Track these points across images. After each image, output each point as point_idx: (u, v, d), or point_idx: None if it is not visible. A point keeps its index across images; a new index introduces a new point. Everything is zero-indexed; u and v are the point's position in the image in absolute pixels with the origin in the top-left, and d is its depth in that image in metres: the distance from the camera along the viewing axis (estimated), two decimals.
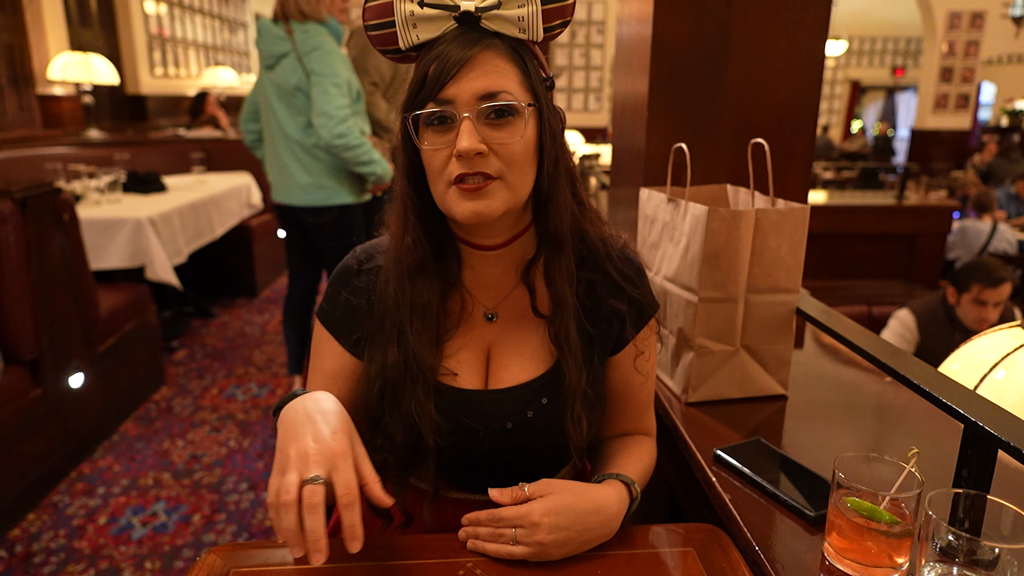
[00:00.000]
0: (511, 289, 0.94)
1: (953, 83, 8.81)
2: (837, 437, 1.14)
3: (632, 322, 0.96)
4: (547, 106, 0.85)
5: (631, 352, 0.98)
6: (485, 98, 0.79)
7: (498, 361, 0.94)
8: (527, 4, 0.80)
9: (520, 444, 0.92)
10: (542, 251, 0.91)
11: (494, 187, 0.81)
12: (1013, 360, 1.15)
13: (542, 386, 0.92)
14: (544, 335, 0.93)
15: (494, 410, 0.91)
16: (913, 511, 0.73)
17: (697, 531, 0.92)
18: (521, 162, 0.82)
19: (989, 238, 4.58)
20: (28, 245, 2.33)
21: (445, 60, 0.79)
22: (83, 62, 4.75)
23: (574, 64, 7.54)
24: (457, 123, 0.80)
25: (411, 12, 0.80)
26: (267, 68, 2.73)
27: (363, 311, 0.93)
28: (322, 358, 0.96)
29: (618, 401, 1.01)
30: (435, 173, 0.83)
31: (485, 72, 0.80)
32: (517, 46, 0.83)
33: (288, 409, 0.78)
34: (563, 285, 0.90)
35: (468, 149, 0.78)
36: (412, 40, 0.82)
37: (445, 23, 0.81)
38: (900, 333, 2.85)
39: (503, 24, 0.81)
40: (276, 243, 5.22)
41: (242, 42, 8.60)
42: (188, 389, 3.33)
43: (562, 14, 0.83)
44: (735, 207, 1.35)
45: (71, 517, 2.31)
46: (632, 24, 1.58)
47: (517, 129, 0.81)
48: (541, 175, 0.86)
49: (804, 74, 1.46)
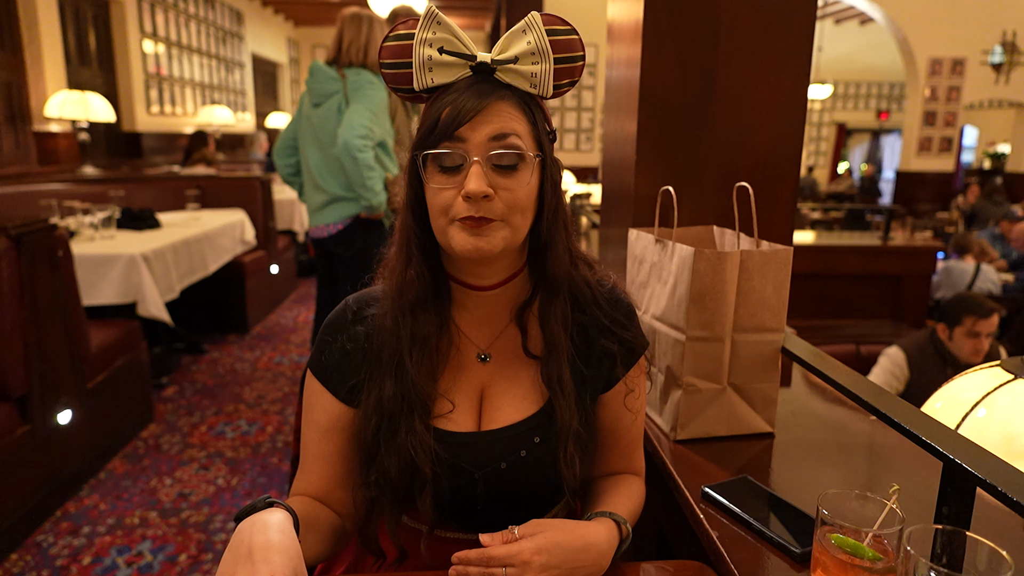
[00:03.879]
0: (503, 329, 0.96)
1: (936, 126, 8.99)
2: (823, 475, 1.15)
3: (622, 361, 0.98)
4: (550, 158, 0.89)
5: (621, 390, 0.99)
6: (496, 139, 0.83)
7: (491, 402, 0.95)
8: (541, 62, 0.84)
9: (515, 483, 0.93)
10: (537, 294, 0.94)
11: (496, 225, 0.84)
12: (994, 398, 1.17)
13: (535, 425, 0.93)
14: (536, 375, 0.94)
15: (489, 451, 0.92)
16: (895, 547, 0.74)
17: (685, 568, 0.92)
18: (524, 207, 0.86)
19: (974, 278, 4.64)
20: (21, 281, 2.33)
21: (460, 106, 0.82)
22: (80, 100, 4.81)
23: (566, 105, 7.68)
24: (467, 166, 0.83)
25: (429, 57, 0.84)
26: (314, 105, 2.85)
27: (359, 356, 0.93)
28: (315, 412, 0.96)
29: (608, 439, 1.02)
30: (438, 210, 0.85)
31: (498, 118, 0.83)
32: (527, 99, 0.87)
33: (237, 533, 0.75)
34: (557, 327, 0.92)
35: (476, 191, 0.81)
36: (427, 83, 0.86)
37: (460, 70, 0.85)
38: (890, 370, 2.88)
39: (516, 78, 0.85)
40: (268, 280, 5.23)
41: (238, 81, 8.73)
42: (177, 426, 3.30)
43: (572, 74, 0.87)
44: (721, 248, 1.38)
45: (55, 557, 2.27)
46: (621, 68, 1.63)
47: (523, 177, 0.84)
48: (540, 223, 0.89)
49: (787, 119, 1.51)
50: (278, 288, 5.62)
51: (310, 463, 0.96)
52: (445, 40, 0.84)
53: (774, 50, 1.47)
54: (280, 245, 5.58)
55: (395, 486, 0.89)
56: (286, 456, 3.00)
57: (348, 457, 0.95)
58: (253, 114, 9.35)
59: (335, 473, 0.95)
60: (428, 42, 0.84)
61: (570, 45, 0.86)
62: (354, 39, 2.79)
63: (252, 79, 9.27)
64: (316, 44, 11.54)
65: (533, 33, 0.84)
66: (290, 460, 1.29)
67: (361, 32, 2.80)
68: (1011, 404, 1.14)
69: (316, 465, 0.96)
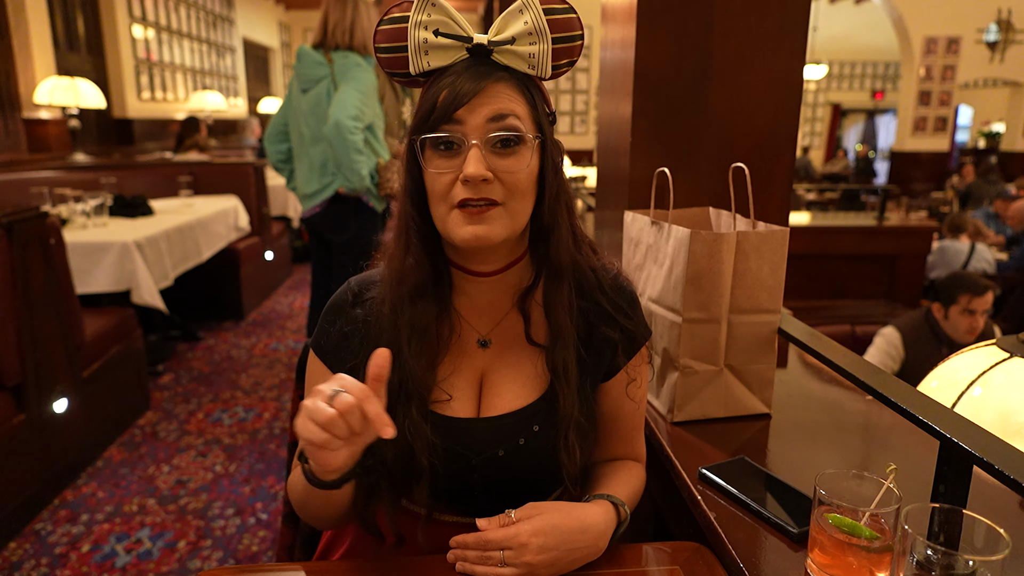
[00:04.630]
0: (504, 315, 0.95)
1: (931, 106, 8.99)
2: (820, 455, 1.15)
3: (624, 349, 0.97)
4: (550, 140, 0.87)
5: (623, 379, 0.99)
6: (494, 120, 0.81)
7: (491, 388, 0.94)
8: (539, 42, 0.83)
9: (512, 470, 0.92)
10: (540, 280, 0.92)
11: (496, 213, 0.82)
12: (989, 377, 1.17)
13: (534, 413, 0.92)
14: (537, 362, 0.94)
15: (486, 437, 0.92)
16: (892, 526, 0.74)
17: (683, 549, 0.93)
18: (524, 191, 0.84)
19: (968, 258, 4.65)
20: (13, 269, 2.32)
21: (457, 89, 0.81)
22: (70, 86, 4.76)
23: (560, 87, 7.64)
24: (465, 149, 0.81)
25: (424, 40, 0.83)
26: (303, 91, 2.83)
27: (357, 339, 0.93)
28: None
29: (609, 427, 1.02)
30: (438, 196, 0.84)
31: (496, 100, 0.82)
32: (525, 80, 0.86)
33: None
34: (562, 314, 0.91)
35: (475, 175, 0.79)
36: (423, 66, 0.84)
37: (457, 53, 0.83)
38: (886, 350, 2.89)
39: (513, 59, 0.84)
40: (263, 266, 5.22)
41: (230, 66, 8.65)
42: (174, 414, 3.30)
43: (570, 54, 0.86)
44: (717, 229, 1.38)
45: (54, 545, 2.28)
46: (616, 50, 1.62)
47: (523, 159, 0.83)
48: (542, 206, 0.88)
49: (783, 99, 1.50)
50: (273, 274, 5.60)
51: None
52: (440, 22, 0.83)
53: (769, 30, 1.46)
54: (275, 231, 5.56)
55: (392, 472, 0.89)
56: (283, 442, 3.00)
57: None
58: (245, 99, 9.27)
59: None
60: (423, 24, 0.82)
61: (568, 24, 0.85)
62: (339, 21, 2.75)
63: (243, 64, 9.18)
64: (308, 28, 11.43)
65: (530, 13, 0.83)
66: (287, 446, 1.29)
67: (346, 13, 2.75)
68: (1006, 382, 1.15)
69: None
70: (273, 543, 2.31)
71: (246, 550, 2.28)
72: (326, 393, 0.72)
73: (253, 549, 2.28)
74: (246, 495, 2.60)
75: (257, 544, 2.31)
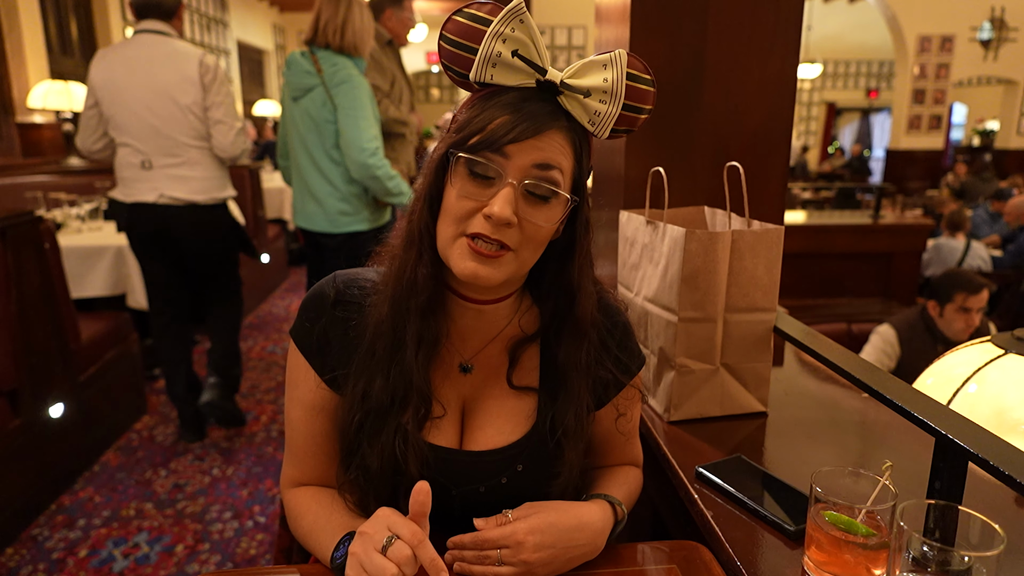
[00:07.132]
0: (488, 342, 0.92)
1: (925, 104, 9.01)
2: (816, 453, 1.16)
3: (614, 384, 0.96)
4: (584, 199, 0.85)
5: (612, 413, 0.98)
6: (539, 167, 0.78)
7: (474, 419, 0.92)
8: (609, 103, 0.80)
9: (493, 506, 0.88)
10: (546, 330, 0.91)
11: (507, 259, 0.80)
12: (984, 374, 1.18)
13: (519, 452, 0.90)
14: (522, 398, 0.92)
15: (468, 472, 0.89)
16: (888, 523, 0.74)
17: (680, 548, 0.93)
18: (539, 242, 0.82)
19: (963, 255, 4.67)
20: (8, 274, 2.31)
21: (516, 124, 0.77)
22: (63, 90, 4.74)
23: None
24: (499, 184, 0.78)
25: (498, 53, 0.78)
26: (293, 100, 2.79)
27: (338, 345, 0.89)
28: (300, 389, 0.92)
29: (602, 447, 1.01)
30: (452, 216, 0.80)
31: (548, 147, 0.78)
32: (580, 134, 0.82)
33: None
34: (579, 375, 0.89)
35: (500, 216, 0.76)
36: (485, 77, 0.80)
37: (524, 78, 0.79)
38: (882, 348, 2.90)
39: (578, 109, 0.80)
40: (259, 269, 5.21)
41: (224, 69, 8.62)
42: (170, 418, 3.29)
43: (631, 124, 0.84)
44: (712, 228, 1.38)
45: (51, 551, 2.27)
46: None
47: (551, 213, 0.80)
48: (571, 265, 0.86)
49: (777, 98, 1.50)
50: (269, 277, 5.59)
51: (300, 443, 0.93)
52: (521, 43, 0.78)
53: (763, 29, 1.46)
54: (270, 234, 5.55)
55: (375, 484, 0.86)
56: (280, 445, 2.99)
57: (336, 438, 0.92)
58: (240, 102, 9.26)
59: (331, 450, 0.92)
60: (503, 37, 0.77)
61: (644, 96, 0.82)
62: (331, 18, 2.70)
63: (238, 66, 9.17)
64: (302, 30, 11.34)
65: (614, 71, 0.79)
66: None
67: (339, 12, 2.70)
68: (1001, 379, 1.15)
69: (307, 444, 0.93)
70: (271, 546, 2.30)
71: (244, 553, 2.27)
72: (378, 541, 0.73)
73: (251, 552, 2.27)
74: (244, 498, 2.59)
75: (255, 547, 2.30)
